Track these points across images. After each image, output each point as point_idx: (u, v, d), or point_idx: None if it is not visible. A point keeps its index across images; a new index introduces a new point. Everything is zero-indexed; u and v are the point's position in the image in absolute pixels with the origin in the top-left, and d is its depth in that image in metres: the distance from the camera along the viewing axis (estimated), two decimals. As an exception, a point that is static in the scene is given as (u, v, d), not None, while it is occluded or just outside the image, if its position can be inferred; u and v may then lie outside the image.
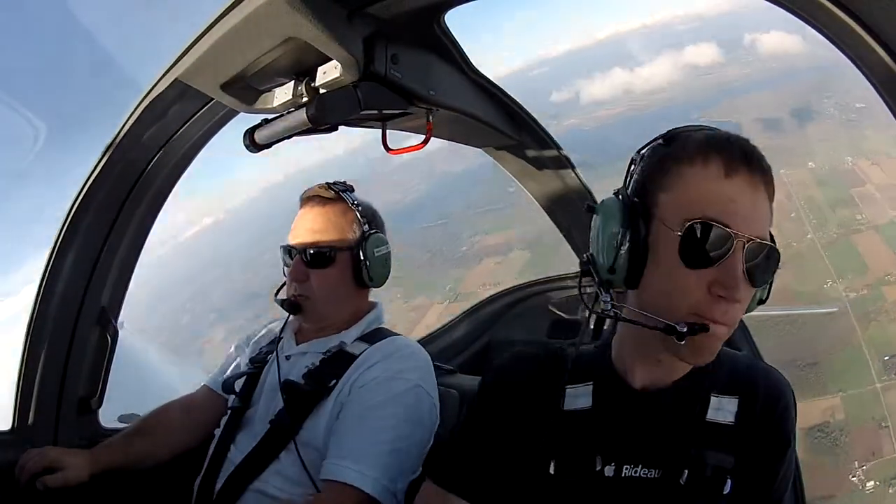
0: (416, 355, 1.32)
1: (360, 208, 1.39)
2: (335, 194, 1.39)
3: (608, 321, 0.95)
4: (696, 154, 0.80)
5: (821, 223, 33.25)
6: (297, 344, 1.41)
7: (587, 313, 0.92)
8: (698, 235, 0.77)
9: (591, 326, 1.00)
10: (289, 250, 1.38)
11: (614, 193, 0.87)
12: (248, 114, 1.23)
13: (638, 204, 0.82)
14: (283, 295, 1.40)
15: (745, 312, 0.86)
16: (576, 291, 0.99)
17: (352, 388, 1.24)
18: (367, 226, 1.38)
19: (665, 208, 0.81)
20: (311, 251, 1.34)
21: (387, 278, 1.41)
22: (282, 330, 1.45)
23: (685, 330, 0.77)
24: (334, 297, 1.37)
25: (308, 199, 1.41)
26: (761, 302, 0.88)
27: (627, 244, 0.81)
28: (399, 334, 1.41)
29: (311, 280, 1.34)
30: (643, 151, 0.88)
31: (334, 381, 1.26)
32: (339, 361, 1.30)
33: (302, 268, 1.35)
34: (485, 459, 0.99)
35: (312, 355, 1.35)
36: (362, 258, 1.35)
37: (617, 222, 0.82)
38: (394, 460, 1.17)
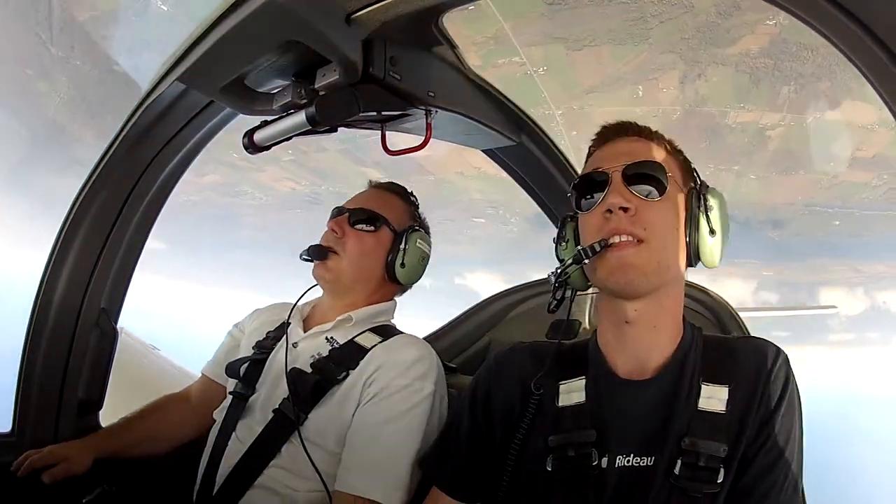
0: (430, 357, 1.29)
1: (417, 209, 1.46)
2: (400, 190, 1.47)
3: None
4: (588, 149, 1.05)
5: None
6: (305, 331, 1.39)
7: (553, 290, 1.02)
8: (580, 185, 0.99)
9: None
10: (339, 209, 1.42)
11: None
12: (247, 115, 1.24)
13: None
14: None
15: (702, 261, 0.95)
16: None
17: (363, 388, 1.22)
18: (417, 222, 1.43)
19: None
20: (359, 211, 1.38)
21: (417, 278, 1.43)
22: (290, 315, 1.43)
23: (581, 248, 0.93)
24: (361, 264, 1.36)
25: (374, 185, 1.50)
26: (712, 233, 0.94)
27: (568, 221, 1.04)
28: (404, 332, 1.40)
29: (348, 238, 1.36)
30: None
31: (344, 374, 1.24)
32: (348, 353, 1.28)
33: (344, 223, 1.37)
34: (480, 456, 1.01)
35: (321, 341, 1.33)
36: (403, 244, 1.37)
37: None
38: (413, 472, 1.16)
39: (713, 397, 0.90)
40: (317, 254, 1.35)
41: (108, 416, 1.53)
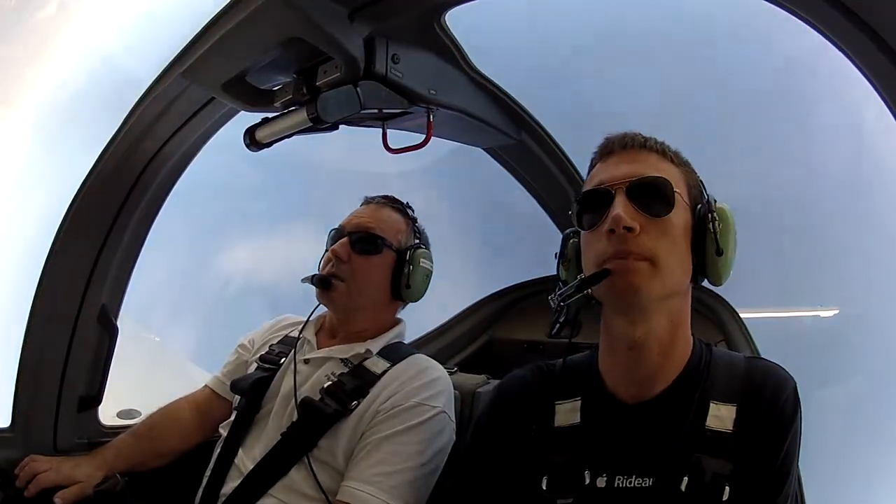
0: (441, 380, 1.28)
1: (416, 224, 1.44)
2: (399, 204, 1.44)
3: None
4: (591, 161, 1.01)
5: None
6: (319, 347, 1.37)
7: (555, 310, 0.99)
8: (583, 202, 0.94)
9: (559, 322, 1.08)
10: (338, 231, 1.39)
11: None
12: (248, 112, 1.24)
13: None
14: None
15: (710, 275, 0.92)
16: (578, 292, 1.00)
17: (375, 414, 1.21)
18: (418, 240, 1.41)
19: None
20: (361, 235, 1.35)
21: (421, 295, 1.41)
22: (301, 331, 1.41)
23: (584, 277, 0.89)
24: (368, 289, 1.35)
25: (370, 199, 1.46)
26: (719, 252, 0.90)
27: (571, 238, 1.01)
28: (416, 351, 1.39)
29: (352, 263, 1.34)
30: None
31: (355, 403, 1.23)
32: (360, 380, 1.26)
33: (347, 248, 1.34)
34: (483, 495, 1.00)
35: (334, 363, 1.32)
36: (407, 260, 1.36)
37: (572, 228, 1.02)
38: (414, 489, 1.14)
39: (721, 416, 0.88)
40: (321, 283, 1.34)
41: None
